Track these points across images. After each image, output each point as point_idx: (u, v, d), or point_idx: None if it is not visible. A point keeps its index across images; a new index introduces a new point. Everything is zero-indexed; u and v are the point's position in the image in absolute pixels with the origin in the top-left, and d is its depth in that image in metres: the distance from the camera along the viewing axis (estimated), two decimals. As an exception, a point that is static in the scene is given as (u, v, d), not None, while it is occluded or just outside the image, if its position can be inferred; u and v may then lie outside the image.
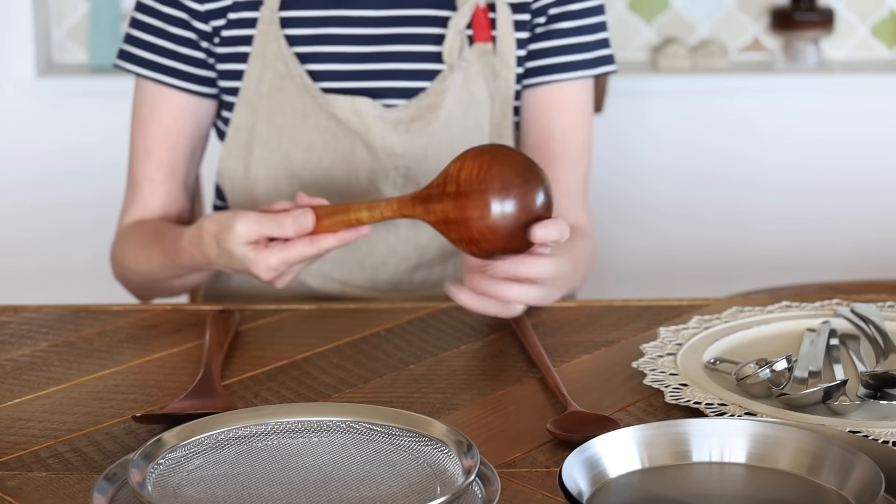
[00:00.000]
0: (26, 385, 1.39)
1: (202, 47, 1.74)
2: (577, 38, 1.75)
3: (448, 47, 1.71)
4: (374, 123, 1.70)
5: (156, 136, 1.75)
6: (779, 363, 1.30)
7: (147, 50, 1.74)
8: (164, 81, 1.74)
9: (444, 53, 1.71)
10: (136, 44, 1.75)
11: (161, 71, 1.74)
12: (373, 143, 1.71)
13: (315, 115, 1.71)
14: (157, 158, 1.76)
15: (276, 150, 1.72)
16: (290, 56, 1.71)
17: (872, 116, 2.91)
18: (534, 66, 1.74)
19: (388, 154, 1.71)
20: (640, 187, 2.93)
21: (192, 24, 1.73)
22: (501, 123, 1.74)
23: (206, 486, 1.09)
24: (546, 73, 1.74)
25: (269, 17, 1.72)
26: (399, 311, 1.58)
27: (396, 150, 1.71)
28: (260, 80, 1.72)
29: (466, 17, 1.72)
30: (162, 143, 1.76)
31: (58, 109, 2.88)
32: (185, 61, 1.74)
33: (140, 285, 1.77)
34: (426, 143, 1.71)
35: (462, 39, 1.72)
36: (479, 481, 1.09)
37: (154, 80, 1.75)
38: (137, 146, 1.77)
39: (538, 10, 1.74)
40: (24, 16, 2.81)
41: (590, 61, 1.75)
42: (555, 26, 1.74)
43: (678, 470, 1.10)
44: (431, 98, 1.72)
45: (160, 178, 1.77)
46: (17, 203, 2.89)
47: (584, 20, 1.75)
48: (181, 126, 1.76)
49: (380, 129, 1.71)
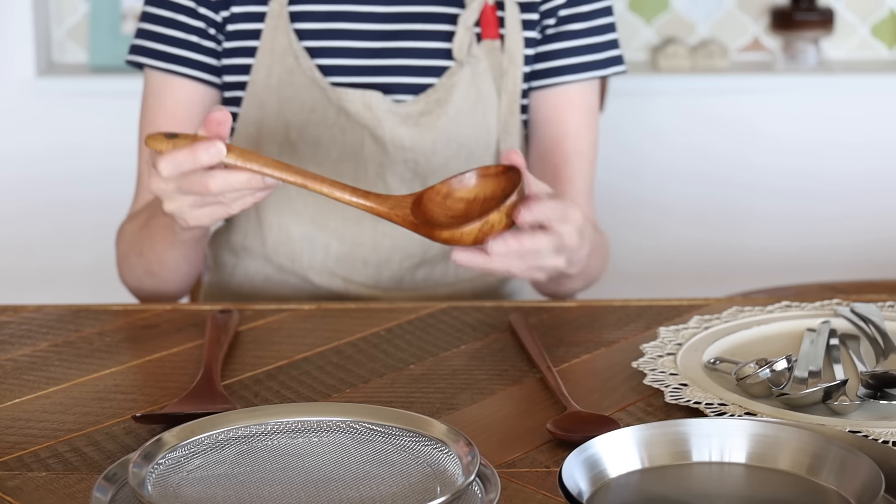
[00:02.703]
0: (26, 385, 1.39)
1: (210, 35, 1.74)
2: (589, 39, 1.76)
3: (458, 44, 1.72)
4: (384, 117, 1.71)
5: (162, 125, 1.74)
6: (779, 363, 1.30)
7: (155, 41, 1.74)
8: (171, 70, 1.74)
9: (454, 50, 1.72)
10: (145, 36, 1.75)
11: (168, 60, 1.74)
12: (382, 136, 1.71)
13: (324, 109, 1.72)
14: None
15: (283, 144, 1.72)
16: (301, 50, 1.72)
17: (872, 116, 2.91)
18: (545, 67, 1.75)
19: (398, 148, 1.72)
20: (640, 187, 2.93)
21: (198, 11, 1.73)
22: (508, 120, 1.75)
23: (206, 486, 1.09)
24: (558, 75, 1.75)
25: (279, 11, 1.72)
26: (399, 311, 1.58)
27: (405, 144, 1.72)
28: (269, 73, 1.72)
29: (475, 14, 1.73)
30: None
31: (58, 109, 2.88)
32: (193, 49, 1.74)
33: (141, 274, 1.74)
34: (434, 138, 1.72)
35: (471, 36, 1.72)
36: (479, 481, 1.09)
37: (161, 70, 1.74)
38: (143, 137, 1.76)
39: (548, 12, 1.75)
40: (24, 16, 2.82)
41: (600, 62, 1.76)
42: (566, 28, 1.75)
43: (678, 470, 1.10)
44: (440, 94, 1.72)
45: None
46: (17, 203, 2.89)
47: (594, 21, 1.76)
48: (187, 113, 1.74)
49: (390, 123, 1.71)
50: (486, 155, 1.75)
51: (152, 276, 1.72)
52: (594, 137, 1.78)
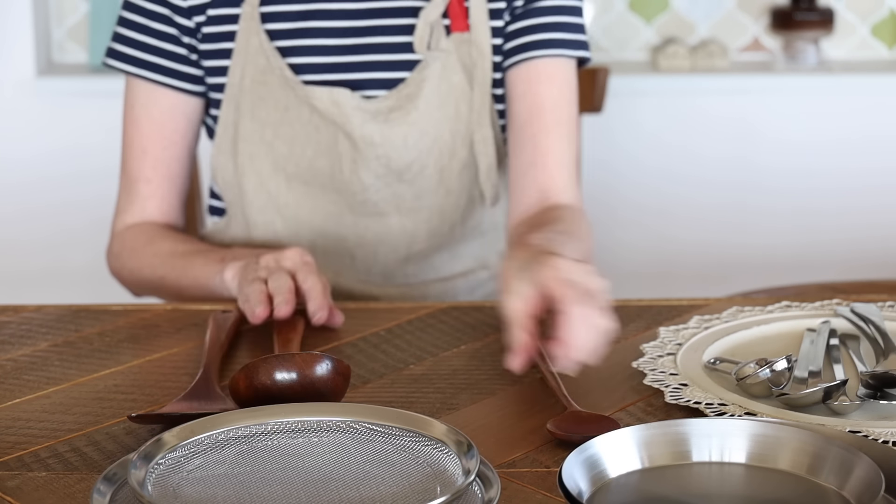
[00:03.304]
0: (26, 385, 1.39)
1: (184, 43, 1.75)
2: (557, 17, 1.75)
3: (418, 38, 1.72)
4: (352, 114, 1.72)
5: (150, 135, 1.76)
6: (779, 363, 1.30)
7: (135, 48, 1.76)
8: (155, 80, 1.76)
9: (415, 43, 1.73)
10: (123, 42, 1.77)
11: (150, 69, 1.75)
12: (352, 133, 1.72)
13: (297, 107, 1.72)
14: (153, 157, 1.77)
15: (259, 144, 1.74)
16: (271, 50, 1.73)
17: (872, 116, 2.91)
18: (516, 44, 1.75)
19: (368, 144, 1.72)
20: (640, 187, 2.93)
21: (174, 19, 1.75)
22: (481, 112, 1.75)
23: (206, 486, 1.08)
24: (529, 50, 1.75)
25: (250, 12, 1.73)
26: (399, 310, 1.58)
27: (375, 140, 1.72)
28: (243, 75, 1.74)
29: (440, 7, 1.73)
30: (157, 142, 1.76)
31: (58, 109, 2.88)
32: (170, 58, 1.76)
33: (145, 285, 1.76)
34: (405, 133, 1.72)
35: (437, 30, 1.73)
36: (479, 481, 1.09)
37: (145, 79, 1.76)
38: (132, 145, 1.78)
39: None
40: (24, 16, 2.82)
41: (569, 42, 1.75)
42: (535, 5, 1.75)
43: (678, 470, 1.10)
44: (410, 88, 1.73)
45: (157, 180, 1.77)
46: (17, 203, 2.89)
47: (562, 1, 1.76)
48: (174, 123, 1.77)
49: (358, 120, 1.72)
50: (461, 147, 1.75)
51: (157, 292, 1.77)
52: (573, 113, 1.75)
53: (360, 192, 1.75)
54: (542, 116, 1.74)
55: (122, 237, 1.78)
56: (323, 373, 1.25)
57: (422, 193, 1.76)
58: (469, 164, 1.77)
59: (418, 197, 1.76)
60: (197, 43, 1.75)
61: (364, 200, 1.75)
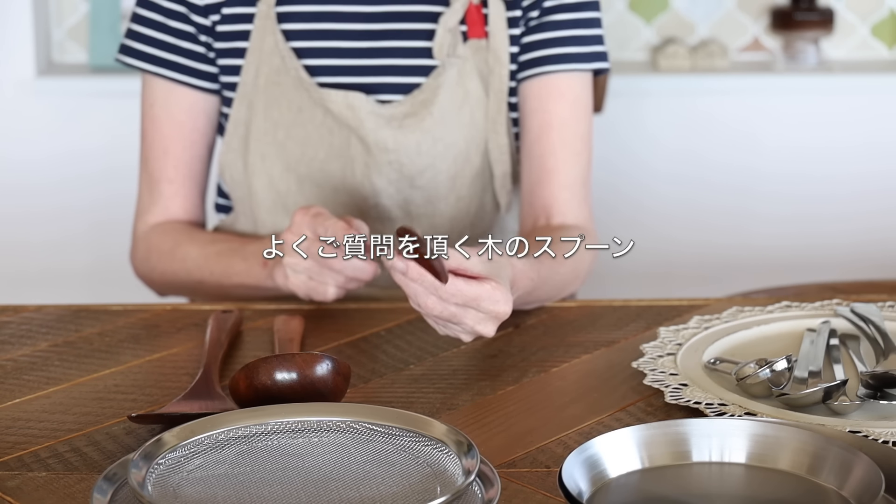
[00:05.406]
0: (26, 385, 1.39)
1: (201, 41, 1.75)
2: (572, 30, 1.75)
3: (438, 44, 1.72)
4: (366, 118, 1.71)
5: (171, 135, 1.76)
6: (779, 363, 1.30)
7: (151, 45, 1.75)
8: (174, 78, 1.75)
9: (434, 49, 1.72)
10: (139, 39, 1.76)
11: (169, 67, 1.75)
12: (365, 137, 1.72)
13: (310, 109, 1.72)
14: (175, 157, 1.76)
15: (271, 144, 1.73)
16: (287, 50, 1.72)
17: (872, 116, 2.91)
18: (530, 57, 1.74)
19: (381, 149, 1.72)
20: (640, 187, 2.93)
21: (190, 17, 1.74)
22: (496, 119, 1.75)
23: (206, 486, 1.09)
24: (542, 65, 1.74)
25: (266, 11, 1.73)
26: (399, 311, 1.58)
27: (388, 146, 1.72)
28: (257, 74, 1.73)
29: (459, 13, 1.72)
30: (178, 142, 1.76)
31: (58, 110, 2.88)
32: (187, 56, 1.75)
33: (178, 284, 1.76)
34: (419, 140, 1.72)
35: (455, 36, 1.72)
36: (479, 481, 1.09)
37: (163, 77, 1.75)
38: (153, 145, 1.77)
39: (531, 5, 1.74)
40: (24, 16, 2.81)
41: (585, 55, 1.75)
42: (549, 18, 1.74)
43: (678, 470, 1.10)
44: (426, 94, 1.72)
45: (179, 180, 1.77)
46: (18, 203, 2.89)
47: (578, 14, 1.75)
48: (194, 123, 1.77)
49: (372, 124, 1.71)
50: (475, 155, 1.75)
51: (193, 293, 1.77)
52: (584, 130, 1.74)
53: (372, 196, 1.74)
54: (550, 135, 1.73)
55: (147, 239, 1.77)
56: (323, 373, 1.25)
57: (433, 199, 1.76)
58: (482, 171, 1.76)
59: (429, 202, 1.76)
60: (212, 41, 1.75)
61: (375, 204, 1.75)
